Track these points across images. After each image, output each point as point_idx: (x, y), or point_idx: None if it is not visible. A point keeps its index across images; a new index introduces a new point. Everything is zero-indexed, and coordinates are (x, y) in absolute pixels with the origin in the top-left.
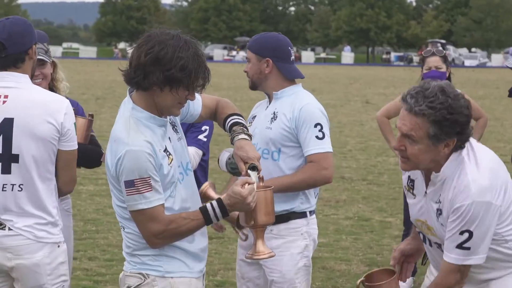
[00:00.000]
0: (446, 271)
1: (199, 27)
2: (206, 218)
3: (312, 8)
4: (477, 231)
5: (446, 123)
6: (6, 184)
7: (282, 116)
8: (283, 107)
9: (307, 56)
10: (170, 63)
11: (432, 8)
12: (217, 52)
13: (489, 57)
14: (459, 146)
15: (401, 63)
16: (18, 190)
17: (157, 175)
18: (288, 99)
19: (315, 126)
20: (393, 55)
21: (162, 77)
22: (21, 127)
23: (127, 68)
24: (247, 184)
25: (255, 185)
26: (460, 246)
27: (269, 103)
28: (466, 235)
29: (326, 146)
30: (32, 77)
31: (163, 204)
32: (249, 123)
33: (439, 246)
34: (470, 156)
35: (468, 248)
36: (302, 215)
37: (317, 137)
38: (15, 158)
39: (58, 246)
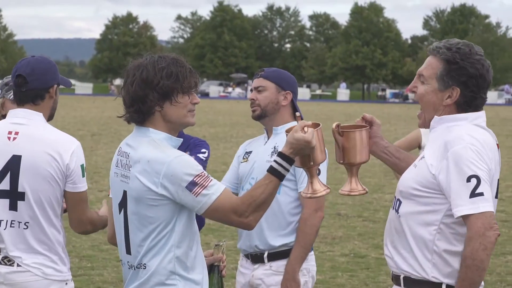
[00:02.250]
0: (469, 231)
1: (196, 63)
2: (277, 175)
3: (308, 45)
4: (482, 173)
5: (454, 66)
6: (14, 221)
7: None
8: (284, 143)
9: (303, 92)
10: (155, 77)
11: (427, 45)
12: (213, 88)
13: None
14: (465, 106)
15: (397, 100)
16: (24, 228)
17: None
18: (277, 137)
19: None
20: (388, 92)
21: (157, 94)
22: (28, 165)
23: (124, 112)
24: (306, 128)
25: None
26: (473, 194)
27: (268, 138)
28: (474, 180)
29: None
30: (52, 117)
31: (226, 188)
32: (244, 159)
33: (395, 205)
34: (473, 123)
35: (482, 194)
36: None
37: None
38: (21, 196)
39: (66, 283)
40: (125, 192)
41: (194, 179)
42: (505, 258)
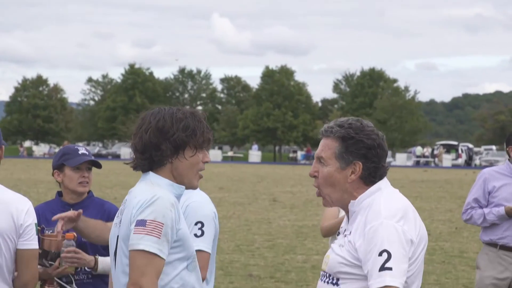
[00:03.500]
0: None
1: (107, 125)
2: None
3: (220, 107)
4: (394, 250)
5: (351, 141)
6: None
7: None
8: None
9: (215, 154)
10: (172, 128)
11: (338, 108)
12: (125, 150)
13: (393, 156)
14: (370, 178)
15: (307, 162)
16: None
17: (172, 230)
18: (182, 197)
19: (196, 223)
20: (299, 153)
21: (170, 145)
22: None
23: (132, 158)
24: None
25: None
26: (382, 268)
27: None
28: (385, 255)
29: (201, 244)
30: None
31: (163, 262)
32: None
33: (328, 278)
34: (388, 191)
35: (390, 268)
36: None
37: (195, 234)
38: None
39: None
40: (117, 238)
41: (147, 221)
42: None
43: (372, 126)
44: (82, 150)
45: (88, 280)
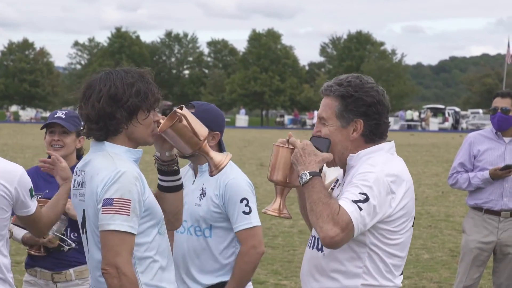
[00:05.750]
0: (342, 210)
1: None
2: None
3: (206, 71)
4: (372, 198)
5: (350, 100)
6: None
7: (211, 193)
8: (210, 183)
9: None
10: (124, 94)
11: (324, 72)
12: None
13: None
14: (371, 136)
15: (295, 126)
16: None
17: (139, 203)
18: (219, 175)
19: (241, 201)
20: (286, 118)
21: (124, 112)
22: None
23: (83, 127)
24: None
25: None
26: (356, 201)
27: (195, 177)
28: (363, 196)
29: (253, 220)
30: None
31: (134, 237)
32: None
33: (316, 244)
34: (387, 154)
35: (361, 209)
36: None
37: (244, 212)
38: None
39: None
40: (84, 211)
41: (114, 199)
42: None
43: (372, 82)
44: (58, 114)
45: (75, 247)
